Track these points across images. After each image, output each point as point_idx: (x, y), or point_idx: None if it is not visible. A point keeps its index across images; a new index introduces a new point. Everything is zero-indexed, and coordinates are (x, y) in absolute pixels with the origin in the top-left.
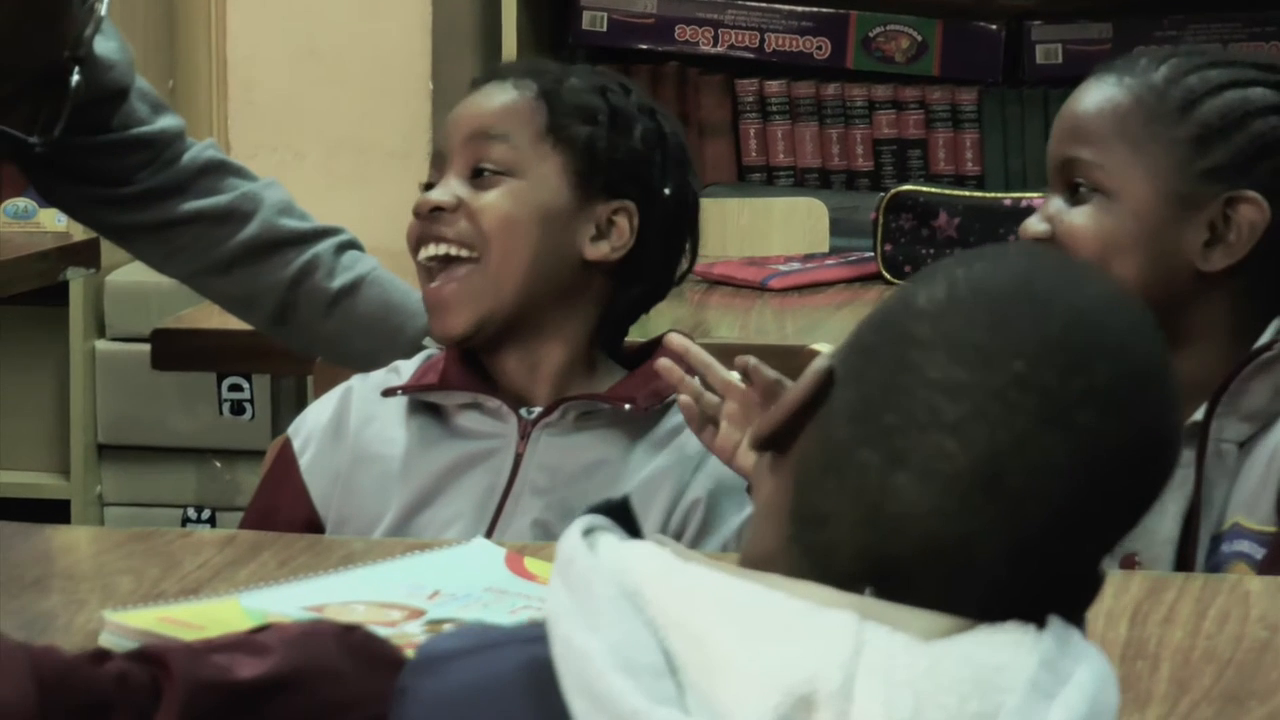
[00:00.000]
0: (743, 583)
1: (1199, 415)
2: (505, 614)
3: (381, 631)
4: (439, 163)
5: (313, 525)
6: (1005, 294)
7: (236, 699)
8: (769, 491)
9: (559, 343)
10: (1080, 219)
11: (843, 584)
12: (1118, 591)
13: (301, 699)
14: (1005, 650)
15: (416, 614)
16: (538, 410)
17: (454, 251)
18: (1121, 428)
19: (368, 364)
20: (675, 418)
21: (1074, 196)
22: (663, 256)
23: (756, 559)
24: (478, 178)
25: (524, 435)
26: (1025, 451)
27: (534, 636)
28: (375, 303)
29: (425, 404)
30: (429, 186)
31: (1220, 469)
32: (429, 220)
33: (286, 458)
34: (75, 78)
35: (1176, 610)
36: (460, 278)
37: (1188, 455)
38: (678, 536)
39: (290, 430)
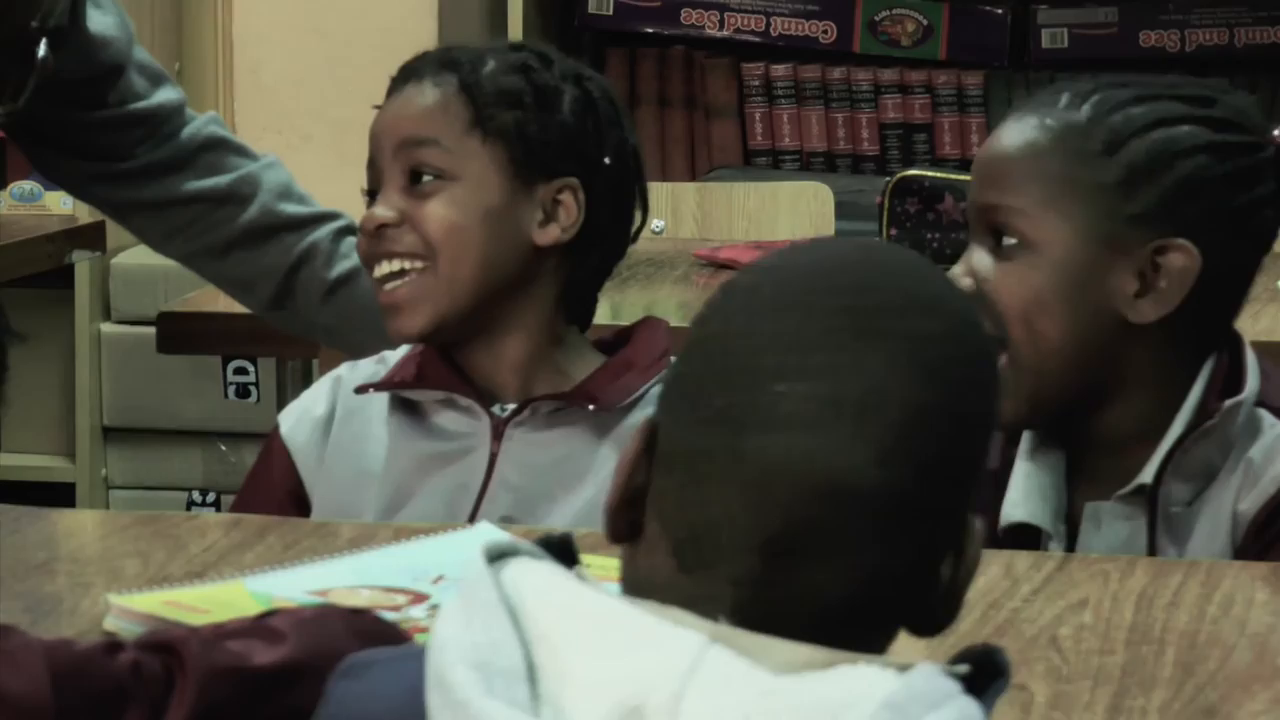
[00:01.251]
0: (608, 600)
1: (1146, 478)
2: None
3: (386, 616)
4: (374, 170)
5: (298, 501)
6: (776, 266)
7: (252, 685)
8: (632, 552)
9: (521, 332)
10: (1004, 276)
11: (742, 592)
12: (1123, 576)
13: (315, 685)
14: (856, 688)
15: (420, 598)
16: (510, 408)
17: (406, 265)
18: (933, 324)
19: (362, 353)
20: (647, 410)
21: (996, 245)
22: (614, 221)
23: (642, 587)
24: (415, 184)
25: (497, 435)
26: (851, 366)
27: None
28: (370, 294)
29: (404, 400)
30: (371, 194)
31: (1171, 533)
32: (376, 238)
33: (275, 442)
34: (42, 50)
35: (1182, 595)
36: (411, 281)
37: (1138, 522)
38: None
39: (280, 417)
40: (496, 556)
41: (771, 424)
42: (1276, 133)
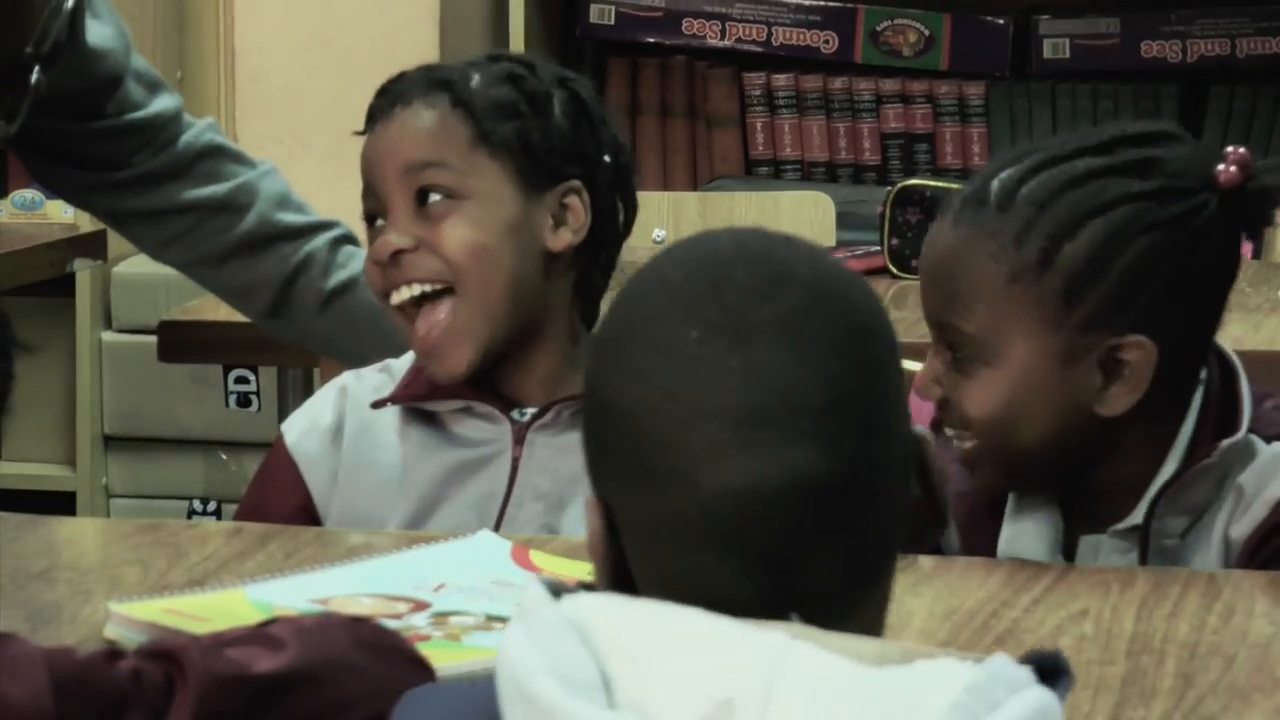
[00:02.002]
0: (684, 610)
1: (1138, 519)
2: (510, 606)
3: (387, 624)
4: (373, 198)
5: (309, 516)
6: (643, 310)
7: (252, 693)
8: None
9: (548, 341)
10: (966, 390)
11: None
12: (1123, 587)
13: (317, 693)
14: (936, 677)
15: (422, 606)
16: (530, 413)
17: (427, 289)
18: (797, 297)
19: (358, 362)
20: None
21: (956, 358)
22: (616, 217)
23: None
24: (423, 206)
25: (519, 439)
26: (757, 381)
27: None
28: (367, 305)
29: (419, 410)
30: (369, 220)
31: (1165, 565)
32: (392, 265)
33: (281, 454)
34: (35, 75)
35: (1182, 605)
36: (444, 317)
37: (1133, 555)
38: None
39: (284, 427)
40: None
41: (715, 468)
42: (1220, 167)
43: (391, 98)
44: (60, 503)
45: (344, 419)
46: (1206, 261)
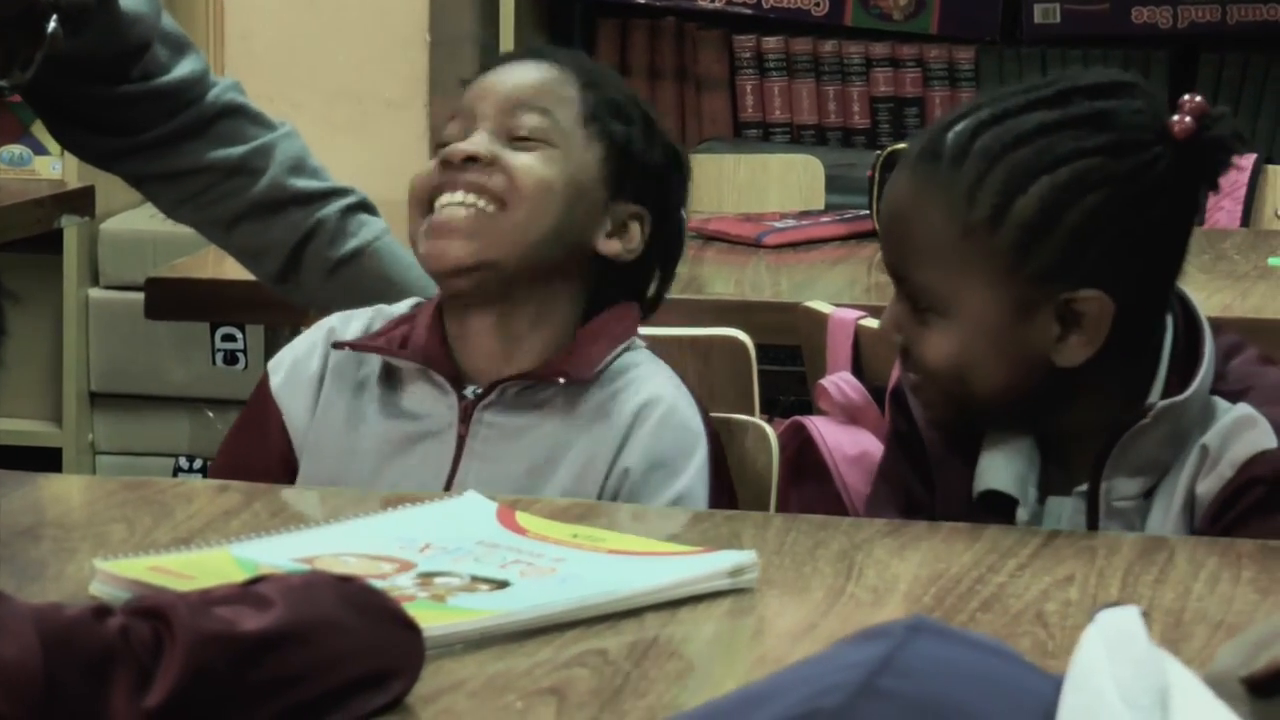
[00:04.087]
0: None
1: (1083, 484)
2: (495, 567)
3: (373, 584)
4: (464, 121)
5: (287, 461)
6: None
7: (240, 651)
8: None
9: (541, 325)
10: (925, 340)
11: None
12: (1109, 552)
13: (304, 651)
14: None
15: (407, 566)
16: (479, 391)
17: (481, 203)
18: None
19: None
20: (610, 386)
21: (914, 308)
22: (652, 269)
23: None
24: (513, 141)
25: (465, 417)
26: None
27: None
28: (373, 275)
29: (389, 367)
30: (444, 145)
31: (1122, 526)
32: (457, 169)
33: (265, 400)
34: (52, 25)
35: (1168, 571)
36: (478, 213)
37: (1078, 520)
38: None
39: (270, 366)
40: None
41: None
42: (1174, 118)
43: (528, 52)
44: (46, 459)
45: (326, 370)
46: (1161, 214)
